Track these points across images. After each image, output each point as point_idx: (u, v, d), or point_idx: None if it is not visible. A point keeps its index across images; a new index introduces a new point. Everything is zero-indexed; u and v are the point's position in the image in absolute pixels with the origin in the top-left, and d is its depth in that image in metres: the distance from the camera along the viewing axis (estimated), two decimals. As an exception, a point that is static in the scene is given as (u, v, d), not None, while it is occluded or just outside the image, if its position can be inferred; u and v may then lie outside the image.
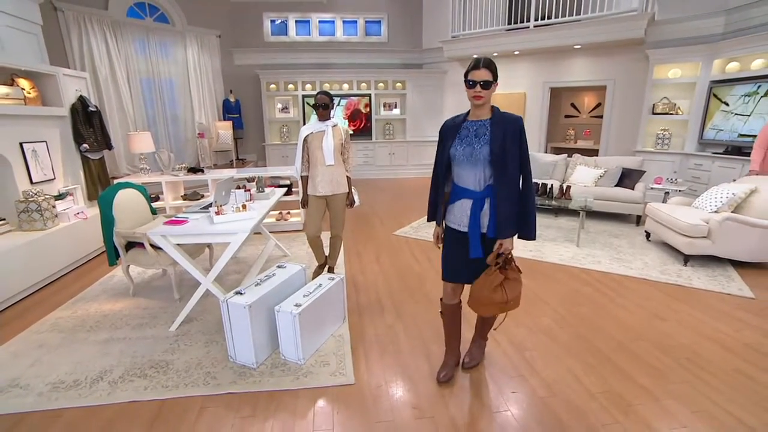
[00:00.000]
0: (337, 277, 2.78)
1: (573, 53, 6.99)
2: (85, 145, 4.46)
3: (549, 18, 6.68)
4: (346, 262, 4.06)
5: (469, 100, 1.92)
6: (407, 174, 9.36)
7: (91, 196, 4.57)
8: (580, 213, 4.54)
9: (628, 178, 5.35)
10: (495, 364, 2.41)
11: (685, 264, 3.85)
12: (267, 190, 3.85)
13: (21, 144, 3.71)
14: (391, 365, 2.41)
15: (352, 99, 8.99)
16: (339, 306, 2.81)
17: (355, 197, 3.44)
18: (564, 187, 5.19)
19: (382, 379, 2.28)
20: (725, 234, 3.65)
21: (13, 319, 2.99)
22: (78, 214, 4.02)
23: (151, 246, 3.05)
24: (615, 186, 5.37)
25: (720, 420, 1.95)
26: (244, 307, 2.26)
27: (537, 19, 6.78)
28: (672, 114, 6.19)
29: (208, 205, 3.16)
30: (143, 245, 3.09)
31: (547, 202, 5.02)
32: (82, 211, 4.09)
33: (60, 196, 4.03)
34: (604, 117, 7.05)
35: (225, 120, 8.47)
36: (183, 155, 7.92)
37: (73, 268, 3.94)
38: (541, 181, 5.57)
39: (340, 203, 3.33)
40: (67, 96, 4.33)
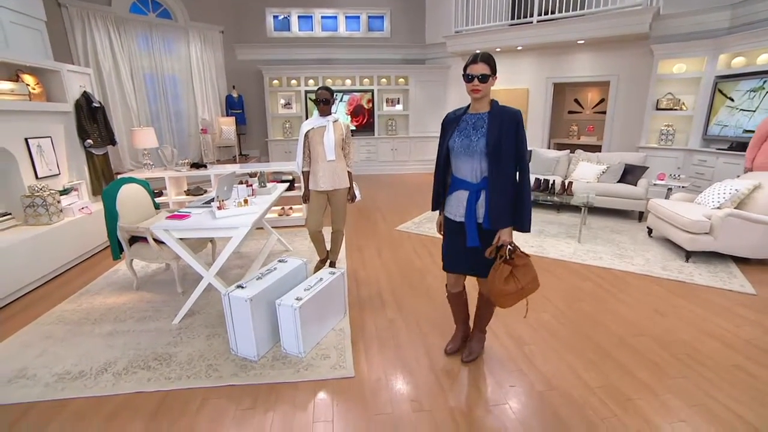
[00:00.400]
0: (337, 272, 2.79)
1: (576, 48, 6.94)
2: (89, 140, 4.48)
3: (553, 13, 6.63)
4: (347, 256, 4.08)
5: (468, 94, 1.95)
6: (410, 170, 9.35)
7: (95, 192, 4.61)
8: (582, 209, 4.54)
9: (630, 175, 5.32)
10: (494, 358, 2.42)
11: (686, 260, 3.84)
12: (269, 185, 3.87)
13: (26, 139, 3.74)
14: (390, 359, 2.43)
15: (355, 95, 8.98)
16: (340, 300, 2.83)
17: (356, 192, 3.45)
18: (566, 183, 5.19)
19: (382, 372, 2.30)
20: (727, 230, 3.63)
21: (21, 312, 3.04)
22: (83, 209, 4.06)
23: (154, 240, 3.08)
24: (617, 182, 5.35)
25: (718, 415, 1.96)
26: (246, 301, 2.29)
27: (540, 14, 6.73)
28: (676, 110, 6.14)
29: (211, 200, 3.18)
30: (146, 240, 3.12)
31: (549, 198, 5.02)
32: (87, 206, 4.13)
33: (65, 191, 4.07)
34: (607, 113, 7.00)
35: (228, 116, 8.49)
36: (186, 151, 7.96)
37: (78, 262, 3.99)
38: (543, 177, 5.56)
39: (341, 198, 3.35)
40: (72, 92, 4.36)
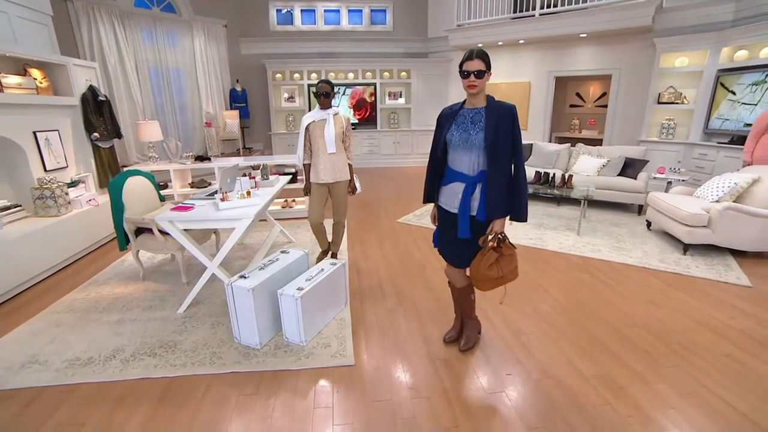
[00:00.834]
0: (339, 263, 2.85)
1: (578, 42, 6.92)
2: (95, 133, 4.55)
3: (555, 6, 6.61)
4: (349, 248, 4.14)
5: (464, 90, 1.99)
6: (412, 163, 9.38)
7: (102, 184, 4.68)
8: (582, 202, 4.57)
9: (631, 168, 5.34)
10: (491, 347, 2.48)
11: (684, 253, 3.88)
12: (272, 177, 3.92)
13: (34, 133, 3.81)
14: (390, 347, 2.49)
15: (358, 88, 8.99)
16: (341, 290, 2.89)
17: (356, 184, 3.50)
18: (566, 177, 5.21)
19: (381, 360, 2.37)
20: (725, 223, 3.66)
21: (32, 300, 3.13)
22: (90, 201, 4.14)
23: (160, 232, 3.15)
24: (618, 175, 5.37)
25: (708, 402, 2.01)
26: (248, 291, 2.35)
27: (543, 8, 6.71)
28: (677, 103, 6.13)
29: (214, 192, 3.24)
30: (152, 231, 3.19)
31: (550, 190, 5.04)
32: (94, 198, 4.21)
33: (72, 184, 4.14)
34: (608, 106, 6.99)
35: (232, 109, 8.53)
36: (191, 144, 8.02)
37: (86, 252, 4.07)
38: (543, 170, 5.58)
39: (342, 190, 3.40)
40: (78, 85, 4.42)
